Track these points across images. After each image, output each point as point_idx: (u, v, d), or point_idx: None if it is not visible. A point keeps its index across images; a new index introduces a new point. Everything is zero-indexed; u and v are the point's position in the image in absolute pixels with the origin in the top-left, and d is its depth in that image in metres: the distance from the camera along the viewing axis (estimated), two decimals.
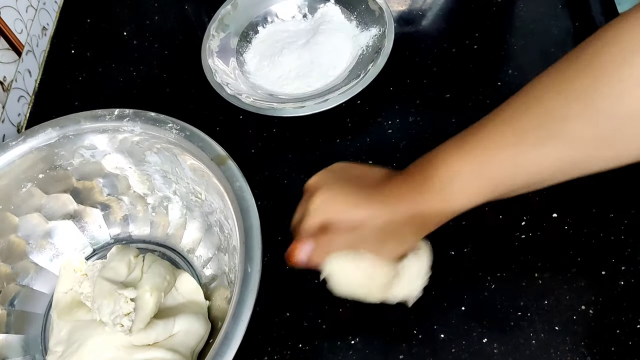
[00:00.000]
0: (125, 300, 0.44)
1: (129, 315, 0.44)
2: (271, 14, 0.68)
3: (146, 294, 0.46)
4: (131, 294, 0.44)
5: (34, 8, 0.71)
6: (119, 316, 0.43)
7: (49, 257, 0.53)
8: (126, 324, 0.44)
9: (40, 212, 0.52)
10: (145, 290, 0.46)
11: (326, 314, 0.49)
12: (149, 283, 0.47)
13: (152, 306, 0.45)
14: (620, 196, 0.50)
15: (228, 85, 0.60)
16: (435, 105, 0.59)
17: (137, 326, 0.44)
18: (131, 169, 0.52)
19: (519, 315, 0.46)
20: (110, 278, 0.46)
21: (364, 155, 0.57)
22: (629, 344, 0.44)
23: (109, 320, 0.44)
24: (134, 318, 0.44)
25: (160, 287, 0.47)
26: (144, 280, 0.47)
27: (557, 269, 0.48)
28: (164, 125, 0.48)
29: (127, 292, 0.44)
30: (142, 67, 0.69)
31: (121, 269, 0.48)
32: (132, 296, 0.44)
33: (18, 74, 0.66)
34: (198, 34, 0.66)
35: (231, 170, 0.45)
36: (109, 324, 0.44)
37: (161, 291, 0.47)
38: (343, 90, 0.58)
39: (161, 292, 0.47)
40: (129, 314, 0.44)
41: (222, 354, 0.37)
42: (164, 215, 0.54)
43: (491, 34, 0.64)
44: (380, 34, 0.61)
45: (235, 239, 0.43)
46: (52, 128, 0.49)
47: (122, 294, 0.44)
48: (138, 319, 0.44)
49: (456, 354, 0.45)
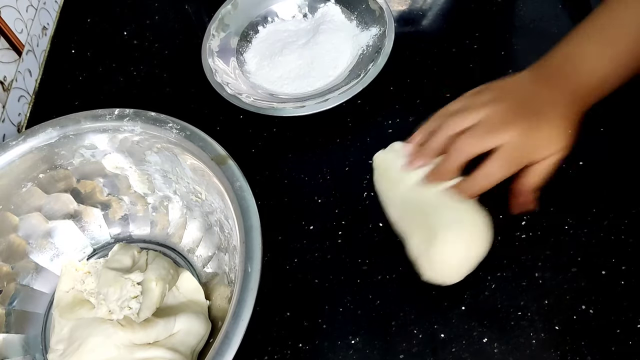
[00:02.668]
0: (132, 284, 0.44)
1: (137, 299, 0.44)
2: (271, 13, 0.68)
3: (152, 283, 0.46)
4: (138, 277, 0.45)
5: (34, 8, 0.71)
6: (126, 300, 0.44)
7: (49, 256, 0.53)
8: (134, 306, 0.44)
9: (40, 211, 0.52)
10: (150, 279, 0.46)
11: (326, 314, 0.49)
12: (154, 273, 0.47)
13: (158, 296, 0.45)
14: (620, 196, 0.50)
15: (228, 85, 0.60)
16: (435, 105, 0.59)
17: (143, 314, 0.44)
18: (131, 168, 0.52)
19: (519, 315, 0.46)
20: (115, 268, 0.47)
21: (364, 155, 0.57)
22: (629, 343, 0.44)
23: (115, 306, 0.44)
24: (141, 301, 0.44)
25: (165, 279, 0.47)
26: (148, 271, 0.47)
27: (557, 269, 0.48)
28: (164, 125, 0.48)
29: (133, 276, 0.44)
30: (143, 66, 0.69)
31: (126, 260, 0.48)
32: (138, 280, 0.45)
33: (18, 74, 0.66)
34: (198, 34, 0.66)
35: (231, 169, 0.45)
36: (116, 311, 0.44)
37: (166, 282, 0.47)
38: (343, 90, 0.58)
39: (166, 284, 0.47)
40: (136, 297, 0.44)
41: (223, 353, 0.37)
42: (164, 214, 0.54)
43: (491, 34, 0.64)
44: (381, 33, 0.61)
45: (235, 239, 0.43)
46: (52, 128, 0.49)
47: (128, 277, 0.44)
48: (144, 307, 0.44)
49: (456, 353, 0.45)
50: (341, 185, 0.55)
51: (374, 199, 0.54)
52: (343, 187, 0.55)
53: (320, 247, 0.52)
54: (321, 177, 0.56)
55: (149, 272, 0.47)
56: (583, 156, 0.53)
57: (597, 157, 0.53)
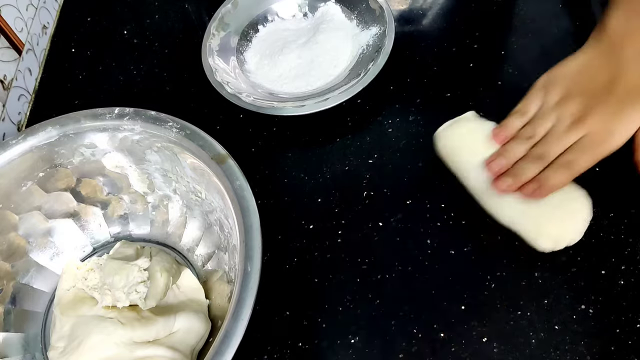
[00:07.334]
0: (138, 270, 0.44)
1: (144, 283, 0.44)
2: (272, 12, 0.68)
3: (157, 273, 0.46)
4: (144, 263, 0.45)
5: (34, 7, 0.71)
6: (133, 285, 0.44)
7: (49, 255, 0.53)
8: (142, 290, 0.44)
9: (40, 210, 0.52)
10: (155, 270, 0.46)
11: (326, 314, 0.49)
12: (158, 264, 0.47)
13: (163, 286, 0.45)
14: (620, 196, 0.50)
15: (228, 84, 0.60)
16: (435, 104, 0.59)
17: (150, 302, 0.44)
18: (131, 167, 0.52)
19: (518, 314, 0.46)
20: (120, 259, 0.47)
21: (364, 155, 0.57)
22: (628, 343, 0.44)
23: (122, 294, 0.44)
24: (149, 285, 0.44)
25: (169, 270, 0.47)
26: (153, 262, 0.48)
27: (557, 269, 0.48)
28: (164, 124, 0.48)
29: (140, 262, 0.45)
30: (143, 65, 0.69)
31: (129, 252, 0.48)
32: (145, 266, 0.45)
33: (18, 73, 0.66)
34: (198, 33, 0.66)
35: (231, 169, 0.45)
36: (122, 299, 0.44)
37: (170, 275, 0.47)
38: (343, 89, 0.58)
39: (170, 276, 0.47)
40: (143, 282, 0.44)
41: (222, 352, 0.37)
42: (164, 214, 0.54)
43: (491, 33, 0.64)
44: (381, 33, 0.61)
45: (235, 238, 0.43)
46: (52, 127, 0.49)
47: (135, 264, 0.44)
48: (150, 294, 0.44)
49: (456, 353, 0.45)
50: (341, 185, 0.55)
51: (374, 199, 0.54)
52: (343, 187, 0.55)
53: (320, 246, 0.52)
54: (321, 176, 0.56)
55: (153, 262, 0.48)
56: None
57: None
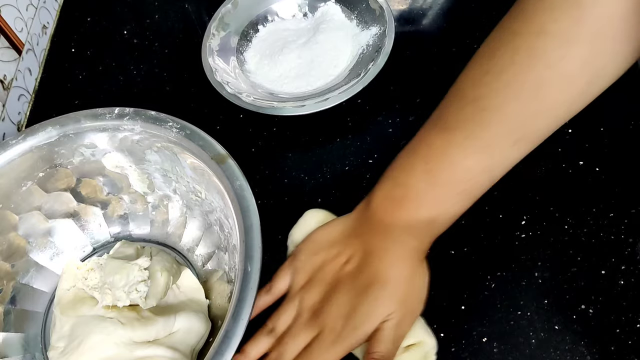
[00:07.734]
0: (139, 269, 0.44)
1: (145, 282, 0.44)
2: (271, 12, 0.68)
3: (157, 273, 0.46)
4: (145, 262, 0.45)
5: (34, 6, 0.71)
6: (134, 284, 0.44)
7: (49, 255, 0.53)
8: (142, 289, 0.44)
9: (40, 210, 0.52)
10: (156, 269, 0.46)
11: None
12: (159, 264, 0.47)
13: (163, 285, 0.45)
14: (620, 196, 0.50)
15: (228, 84, 0.60)
16: (436, 104, 0.59)
17: (150, 301, 0.44)
18: (131, 167, 0.52)
19: (518, 314, 0.46)
20: (120, 258, 0.47)
21: (364, 155, 0.57)
22: (628, 343, 0.44)
23: (122, 293, 0.44)
24: (149, 285, 0.44)
25: (169, 270, 0.47)
26: (153, 262, 0.47)
27: (557, 269, 0.48)
28: (164, 124, 0.48)
29: (140, 261, 0.44)
30: (143, 65, 0.69)
31: (129, 252, 0.48)
32: (145, 265, 0.45)
33: (18, 73, 0.66)
34: (198, 33, 0.66)
35: (231, 169, 0.45)
36: (122, 298, 0.44)
37: (170, 274, 0.47)
38: (343, 89, 0.58)
39: (170, 276, 0.47)
40: (144, 281, 0.44)
41: (222, 352, 0.37)
42: (164, 214, 0.54)
43: None
44: (381, 33, 0.61)
45: (235, 238, 0.43)
46: (52, 127, 0.49)
47: (135, 263, 0.44)
48: (151, 294, 0.44)
49: (456, 353, 0.45)
50: (341, 185, 0.55)
51: None
52: (343, 187, 0.55)
53: None
54: (321, 176, 0.56)
55: (154, 262, 0.48)
56: (583, 156, 0.53)
57: (597, 157, 0.53)
